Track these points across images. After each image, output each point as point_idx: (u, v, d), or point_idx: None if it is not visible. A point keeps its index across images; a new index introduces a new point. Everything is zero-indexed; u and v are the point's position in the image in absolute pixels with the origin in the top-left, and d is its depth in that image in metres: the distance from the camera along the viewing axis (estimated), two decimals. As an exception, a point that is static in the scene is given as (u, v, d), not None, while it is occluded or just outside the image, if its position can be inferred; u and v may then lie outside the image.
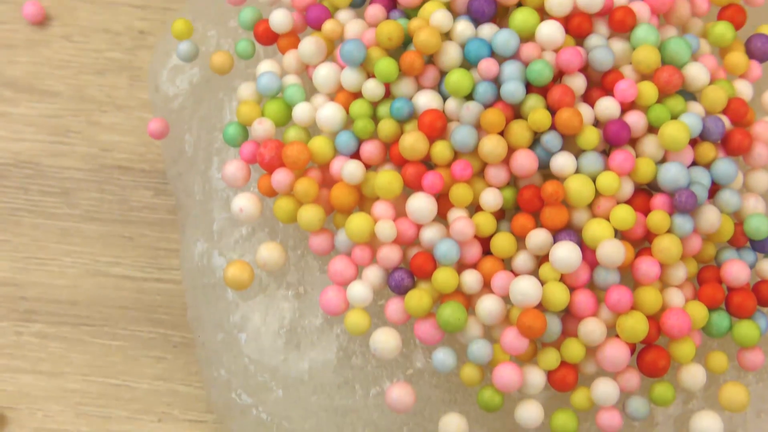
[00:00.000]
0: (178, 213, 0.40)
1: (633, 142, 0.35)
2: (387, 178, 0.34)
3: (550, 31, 0.35)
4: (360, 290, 0.34)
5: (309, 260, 0.38)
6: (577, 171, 0.35)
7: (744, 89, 0.37)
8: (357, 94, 0.36)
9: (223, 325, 0.38)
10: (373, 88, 0.35)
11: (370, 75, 0.35)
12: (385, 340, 0.34)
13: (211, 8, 0.41)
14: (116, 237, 0.43)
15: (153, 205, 0.43)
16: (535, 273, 0.34)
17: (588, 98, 0.35)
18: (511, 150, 0.35)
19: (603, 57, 0.35)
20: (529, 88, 0.35)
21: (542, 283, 0.34)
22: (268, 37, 0.37)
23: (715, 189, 0.36)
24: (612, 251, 0.33)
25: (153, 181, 0.43)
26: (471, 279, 0.34)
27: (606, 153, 0.35)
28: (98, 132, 0.44)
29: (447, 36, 0.36)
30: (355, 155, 0.35)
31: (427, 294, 0.34)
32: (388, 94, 0.36)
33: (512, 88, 0.34)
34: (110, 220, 0.43)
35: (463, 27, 0.35)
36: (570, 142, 0.35)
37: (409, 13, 0.36)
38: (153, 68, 0.41)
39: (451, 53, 0.35)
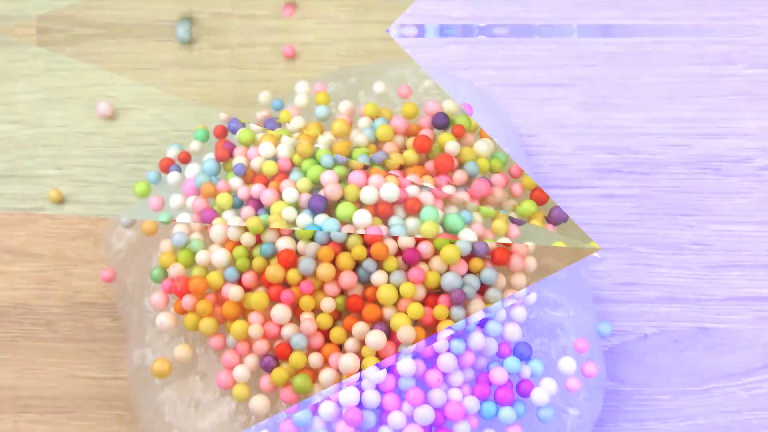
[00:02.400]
0: (125, 332, 0.52)
1: (426, 260, 0.50)
2: (257, 297, 0.48)
3: (362, 217, 0.48)
4: (242, 372, 0.48)
5: (210, 354, 0.49)
6: (388, 282, 0.49)
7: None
8: (238, 242, 0.50)
9: (153, 403, 0.49)
10: (248, 239, 0.49)
11: (246, 230, 0.50)
12: (260, 403, 0.48)
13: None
14: (85, 351, 0.54)
15: (110, 328, 0.53)
16: (359, 351, 0.48)
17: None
18: (339, 271, 0.49)
19: (398, 233, 0.49)
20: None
21: (362, 358, 0.48)
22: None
23: (484, 288, 0.50)
24: (406, 333, 0.47)
25: (109, 311, 0.54)
26: (315, 359, 0.47)
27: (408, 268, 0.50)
28: (73, 280, 0.55)
29: (294, 224, 0.49)
30: (239, 282, 0.49)
31: (286, 371, 0.47)
32: (259, 241, 0.50)
33: (338, 235, 0.49)
34: (81, 339, 0.53)
35: (303, 217, 0.49)
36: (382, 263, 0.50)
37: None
38: (106, 234, 0.54)
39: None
